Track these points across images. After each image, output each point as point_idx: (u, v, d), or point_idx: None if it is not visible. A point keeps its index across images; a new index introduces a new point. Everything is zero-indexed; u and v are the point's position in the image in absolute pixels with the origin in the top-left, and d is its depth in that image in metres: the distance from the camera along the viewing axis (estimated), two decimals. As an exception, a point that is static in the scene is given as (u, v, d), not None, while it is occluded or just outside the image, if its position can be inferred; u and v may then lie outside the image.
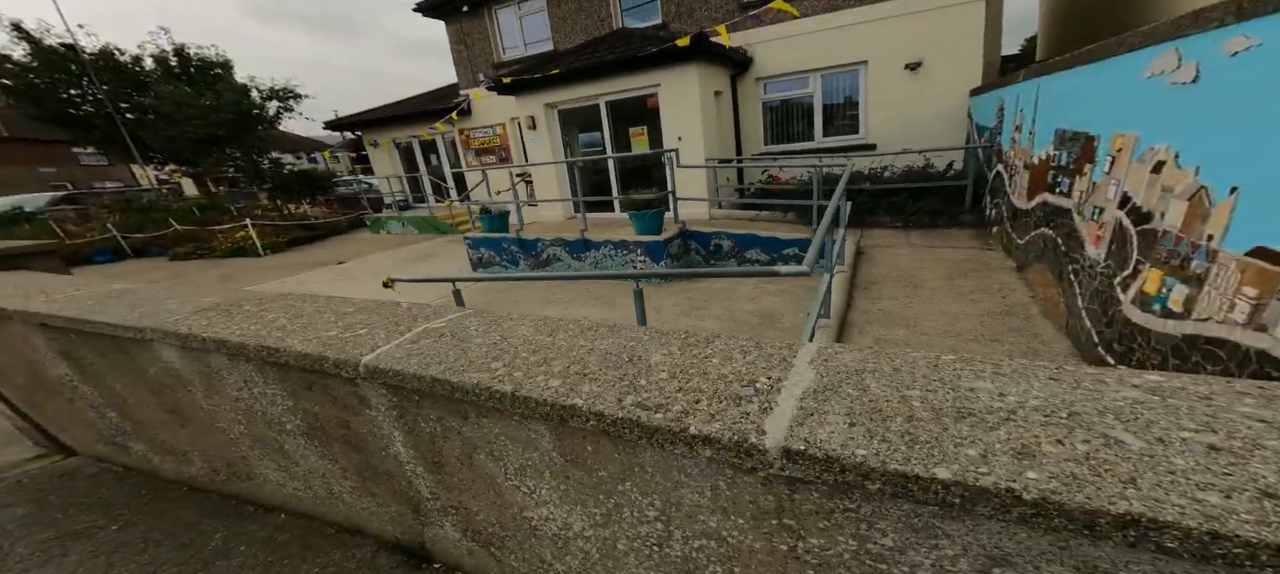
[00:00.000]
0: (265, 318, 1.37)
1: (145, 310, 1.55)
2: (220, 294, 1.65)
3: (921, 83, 5.71)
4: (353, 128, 13.32)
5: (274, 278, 7.27)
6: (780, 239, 4.57)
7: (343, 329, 1.23)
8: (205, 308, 1.51)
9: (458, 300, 3.12)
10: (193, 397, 1.52)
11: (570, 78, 7.13)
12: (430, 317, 1.25)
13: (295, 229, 11.07)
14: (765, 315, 3.66)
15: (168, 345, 1.43)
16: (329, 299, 1.53)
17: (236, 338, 1.24)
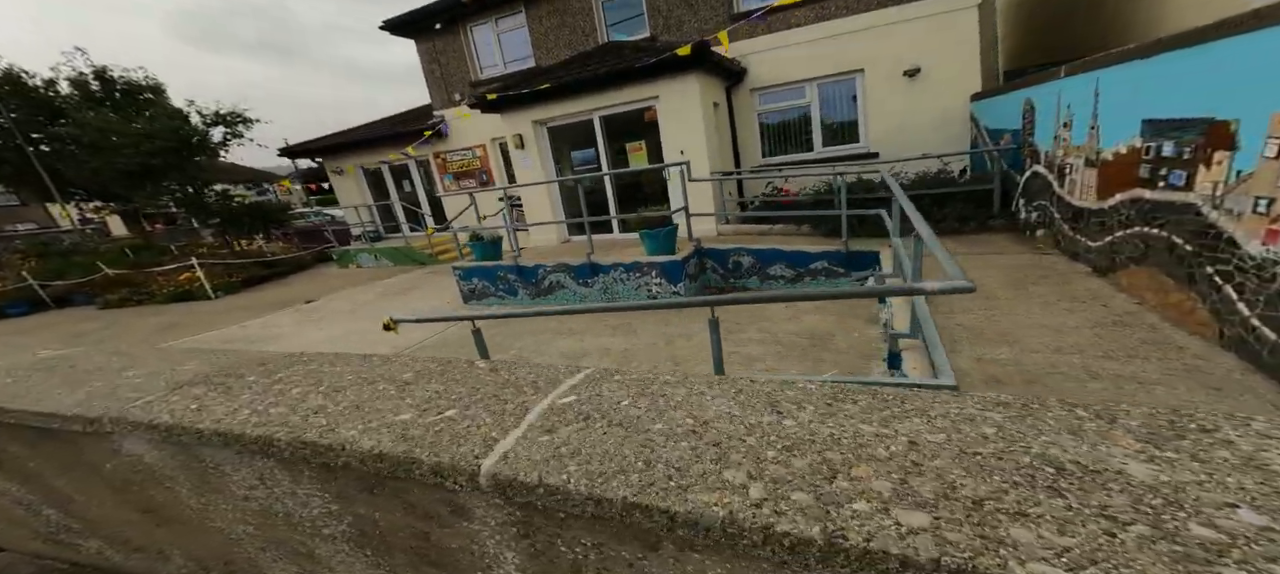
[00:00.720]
0: (288, 395, 0.97)
1: (96, 390, 1.12)
2: (203, 361, 1.23)
3: (920, 89, 5.76)
4: (313, 154, 12.42)
5: (230, 322, 6.42)
6: (808, 253, 4.36)
7: (419, 409, 0.84)
8: (186, 382, 1.10)
9: (479, 343, 2.67)
10: (175, 494, 1.08)
11: (562, 92, 6.82)
12: (544, 385, 0.87)
13: (251, 267, 10.05)
14: (814, 336, 3.38)
15: (137, 438, 1.01)
16: (366, 358, 1.13)
17: (254, 430, 0.84)
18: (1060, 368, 1.78)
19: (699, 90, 6.07)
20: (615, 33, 8.56)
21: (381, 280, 8.58)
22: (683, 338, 3.98)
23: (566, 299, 5.72)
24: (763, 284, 4.84)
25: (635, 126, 6.92)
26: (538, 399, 0.82)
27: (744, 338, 3.73)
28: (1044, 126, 3.35)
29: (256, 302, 7.88)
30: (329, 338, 5.28)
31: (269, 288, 9.35)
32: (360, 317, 6.08)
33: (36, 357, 1.53)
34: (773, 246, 4.66)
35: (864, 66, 6.19)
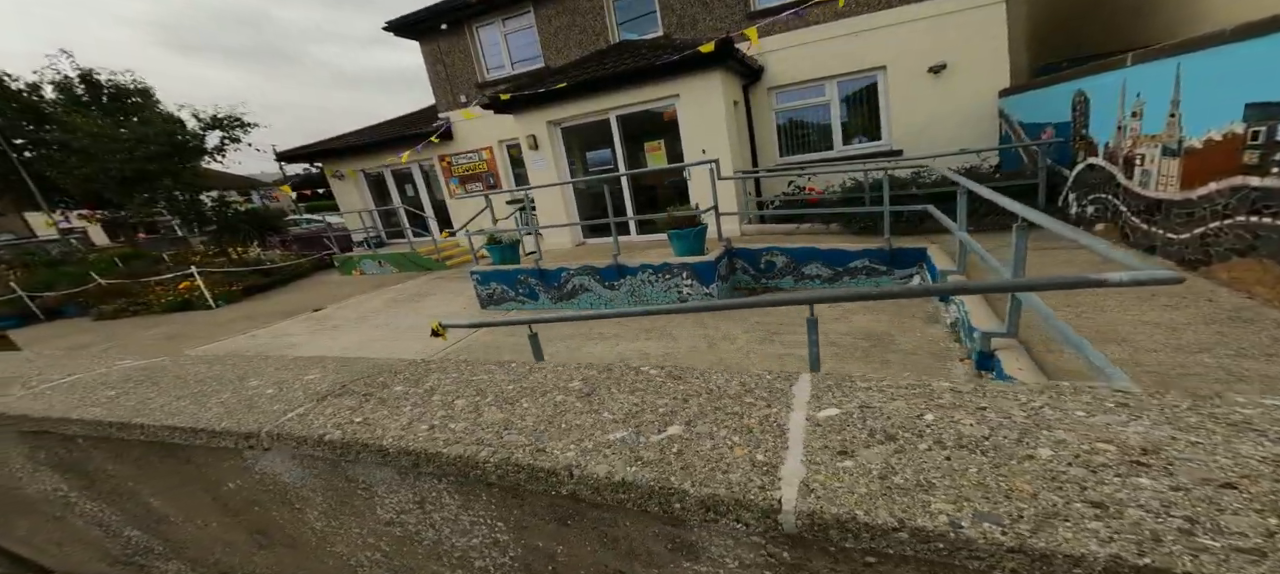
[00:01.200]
0: (453, 406, 0.85)
1: (228, 403, 1.00)
2: (330, 369, 1.11)
3: (945, 86, 5.69)
4: (311, 159, 12.15)
5: (236, 332, 6.16)
6: (847, 251, 4.23)
7: (631, 426, 0.71)
8: (329, 392, 0.98)
9: (535, 347, 2.50)
10: (301, 516, 0.97)
11: (578, 91, 6.67)
12: (767, 393, 0.73)
13: (250, 275, 9.74)
14: (870, 337, 3.24)
15: (283, 454, 0.90)
16: (505, 365, 1.00)
17: (450, 448, 0.72)
18: (1192, 368, 1.65)
19: (722, 88, 5.95)
20: (626, 32, 8.43)
21: (389, 287, 8.33)
22: (725, 341, 3.83)
23: (591, 303, 5.55)
24: (797, 284, 4.71)
25: (652, 126, 6.79)
26: (783, 413, 0.67)
27: (793, 341, 3.59)
28: (1102, 118, 3.26)
29: (260, 310, 7.61)
30: (348, 347, 5.06)
31: (271, 296, 9.06)
32: (374, 324, 5.85)
33: (116, 367, 1.36)
34: (808, 245, 4.53)
35: (886, 64, 6.11)
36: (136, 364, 1.35)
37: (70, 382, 1.27)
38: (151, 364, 1.33)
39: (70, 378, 1.30)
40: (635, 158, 7.22)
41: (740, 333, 3.89)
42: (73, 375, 1.32)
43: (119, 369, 1.32)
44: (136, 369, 1.31)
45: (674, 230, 4.89)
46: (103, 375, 1.29)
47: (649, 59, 6.17)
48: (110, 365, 1.36)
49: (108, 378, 1.26)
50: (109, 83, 14.80)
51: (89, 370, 1.33)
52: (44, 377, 1.34)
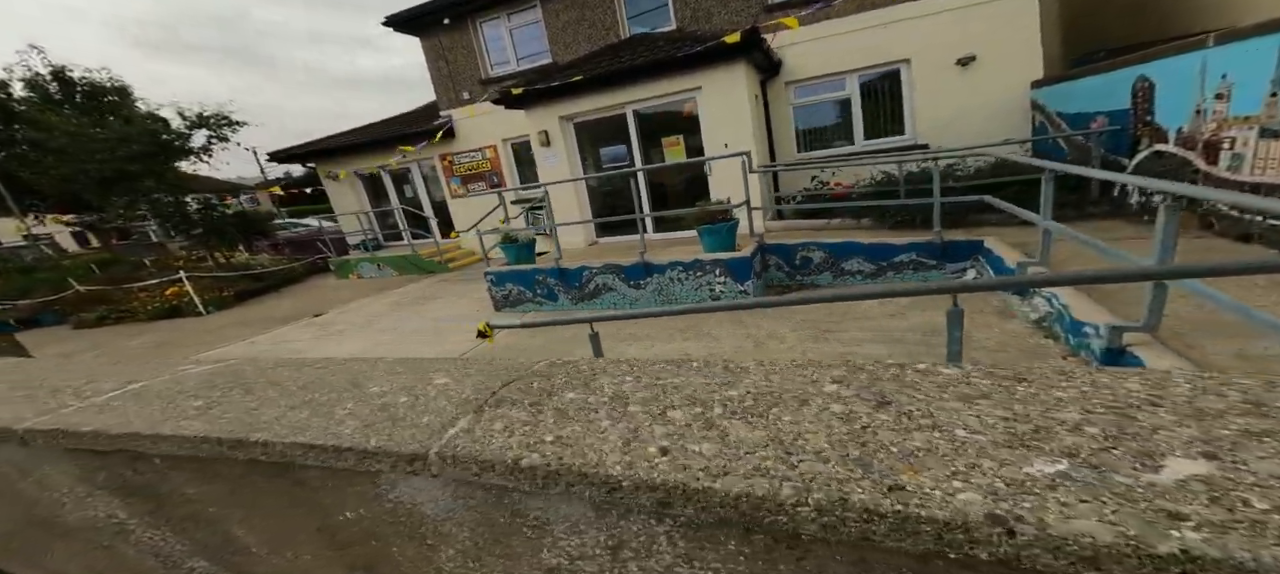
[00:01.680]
0: (668, 417, 0.64)
1: (362, 415, 0.79)
2: (458, 371, 0.91)
3: (974, 79, 5.59)
4: (304, 159, 11.71)
5: (232, 339, 5.77)
6: (893, 245, 4.06)
7: (931, 447, 0.49)
8: (479, 401, 0.77)
9: (595, 348, 2.26)
10: (429, 554, 0.77)
11: (593, 85, 6.43)
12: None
13: (241, 280, 9.28)
14: (938, 331, 3.05)
15: (441, 479, 0.69)
16: (681, 365, 0.79)
17: (720, 483, 0.51)
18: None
19: (746, 80, 5.77)
20: (636, 26, 8.24)
21: (391, 291, 7.98)
22: (772, 340, 3.61)
23: (614, 303, 5.30)
24: (836, 280, 4.53)
25: (673, 120, 6.58)
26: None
27: (848, 337, 3.39)
28: (1172, 103, 3.14)
29: (254, 316, 7.20)
30: (357, 353, 4.73)
31: (264, 302, 8.63)
32: (381, 329, 5.53)
33: (183, 371, 1.11)
34: (848, 239, 4.36)
35: (911, 56, 6.00)
36: (208, 368, 1.11)
37: (137, 391, 1.03)
38: (226, 367, 1.09)
39: (133, 386, 1.05)
40: (650, 154, 7.00)
41: (788, 332, 3.68)
42: (135, 383, 1.07)
43: (192, 374, 1.08)
44: (215, 374, 1.08)
45: (705, 226, 4.68)
46: (174, 383, 1.04)
47: (670, 51, 5.97)
48: (176, 370, 1.11)
49: (183, 385, 1.02)
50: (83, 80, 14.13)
51: (154, 376, 1.09)
52: (95, 385, 1.09)
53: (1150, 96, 3.38)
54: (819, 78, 6.76)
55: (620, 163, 7.30)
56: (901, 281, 4.13)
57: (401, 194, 11.53)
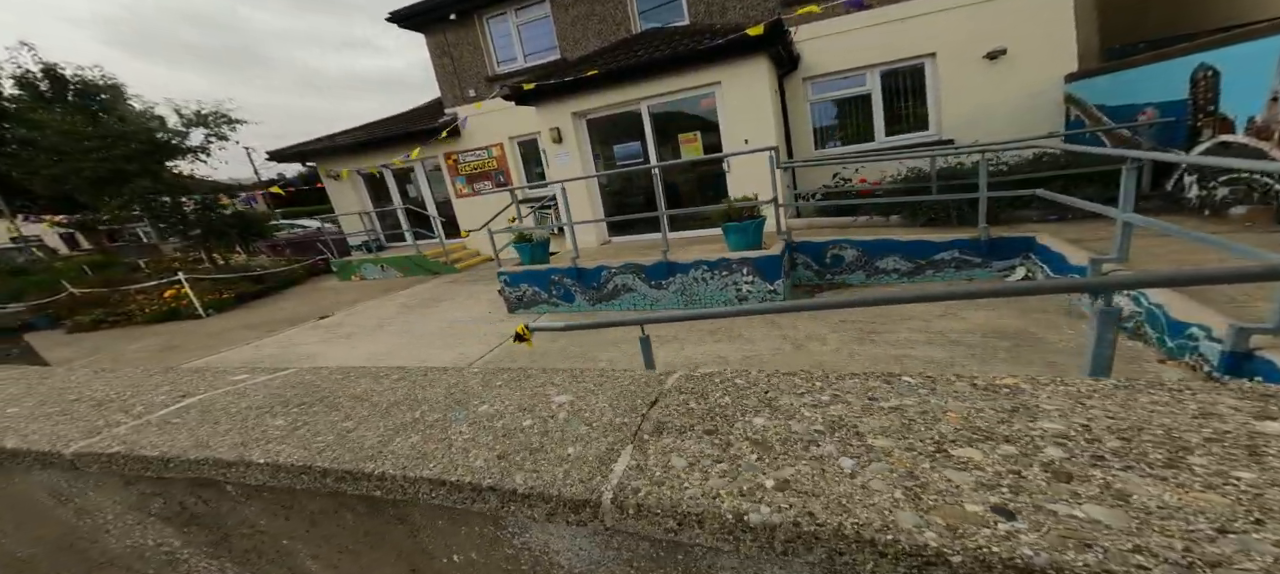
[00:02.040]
0: (948, 451, 0.48)
1: (487, 441, 0.65)
2: (568, 381, 0.76)
3: (1003, 72, 5.45)
4: (304, 159, 11.47)
5: (235, 342, 5.54)
6: (932, 242, 3.90)
7: None
8: (638, 421, 0.63)
9: (645, 353, 2.08)
10: None
11: (607, 80, 6.26)
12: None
13: (241, 282, 9.03)
14: (1009, 336, 2.86)
15: (603, 530, 0.51)
16: (891, 380, 0.59)
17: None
18: None
19: (769, 74, 5.61)
20: (647, 21, 8.07)
21: (397, 292, 7.77)
22: (813, 341, 3.44)
23: (633, 304, 5.12)
24: (870, 279, 4.37)
25: (690, 116, 6.40)
26: None
27: (897, 340, 3.22)
28: (1242, 91, 2.99)
29: (257, 319, 6.96)
30: (370, 356, 4.53)
31: (266, 304, 8.38)
32: (393, 332, 5.33)
33: (241, 383, 0.93)
34: (883, 237, 4.19)
35: (936, 50, 5.85)
36: (272, 378, 0.94)
37: (196, 405, 0.87)
38: (294, 377, 0.94)
39: (190, 400, 0.89)
40: (664, 152, 6.82)
41: (828, 333, 3.50)
42: (191, 396, 0.91)
43: (256, 386, 0.94)
44: (285, 386, 0.92)
45: (731, 224, 4.51)
46: (239, 396, 0.90)
47: (689, 44, 5.80)
48: (232, 381, 0.95)
49: (251, 399, 0.87)
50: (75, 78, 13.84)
51: (210, 387, 0.93)
52: (144, 399, 0.92)
53: (1214, 85, 3.24)
54: (839, 73, 6.60)
55: (633, 161, 7.11)
56: (962, 281, 3.91)
57: (404, 194, 11.31)
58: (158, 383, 1.00)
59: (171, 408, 0.85)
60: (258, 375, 0.93)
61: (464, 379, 0.82)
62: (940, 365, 2.64)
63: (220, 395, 0.86)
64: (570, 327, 2.23)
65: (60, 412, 0.94)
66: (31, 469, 0.85)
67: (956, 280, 3.84)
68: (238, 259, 11.88)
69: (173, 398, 0.89)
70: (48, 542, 0.95)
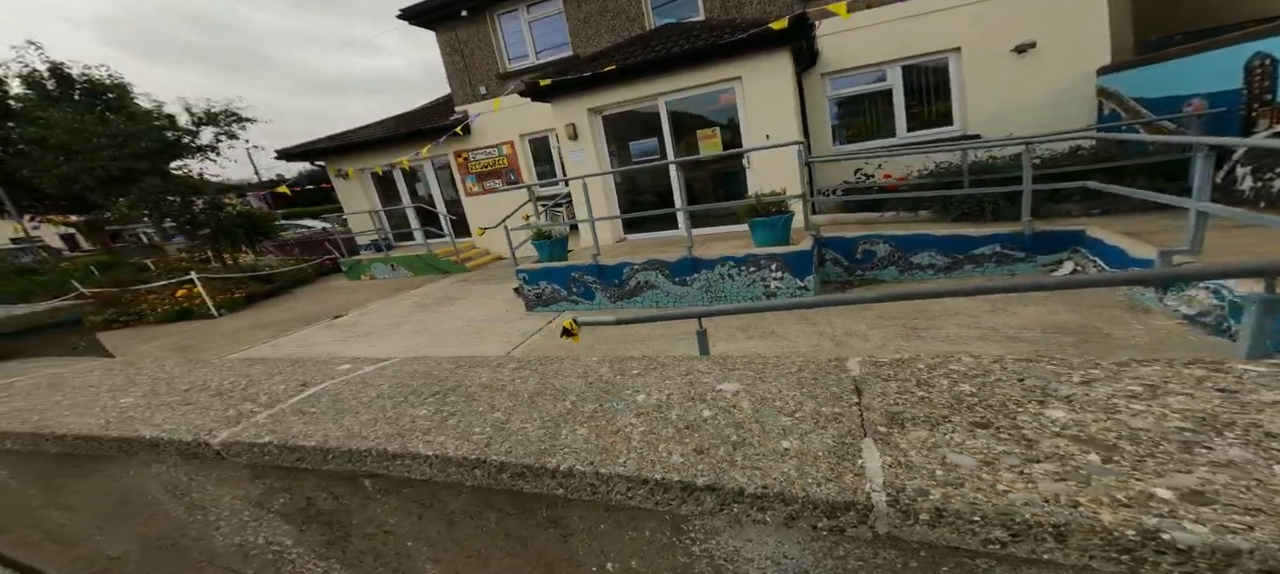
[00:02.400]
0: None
1: (689, 439, 0.55)
2: (771, 377, 0.62)
3: (1032, 66, 5.35)
4: (312, 157, 11.41)
5: (250, 341, 5.46)
6: (970, 237, 3.80)
7: None
8: (860, 411, 0.54)
9: (702, 348, 1.99)
10: None
11: (625, 76, 6.17)
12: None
13: (251, 282, 8.96)
14: (1071, 331, 2.72)
15: (773, 528, 0.44)
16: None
17: None
18: None
19: (791, 68, 5.51)
20: (661, 17, 7.99)
21: (409, 291, 7.70)
22: (855, 337, 3.34)
23: (656, 301, 5.03)
24: (902, 274, 4.27)
25: (709, 112, 6.31)
26: None
27: (945, 335, 3.12)
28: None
29: (269, 318, 6.88)
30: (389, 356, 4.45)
31: (277, 303, 8.31)
32: (411, 330, 5.25)
33: (366, 373, 0.85)
34: (918, 231, 4.09)
35: (961, 45, 5.76)
36: (377, 367, 0.91)
37: (320, 396, 0.82)
38: (402, 366, 0.86)
39: (311, 390, 0.83)
40: (680, 149, 6.73)
41: (867, 329, 3.41)
42: (312, 386, 0.84)
43: (368, 375, 0.88)
44: (403, 375, 0.86)
45: (758, 219, 4.41)
46: (362, 385, 0.83)
47: (710, 38, 5.71)
48: (346, 370, 0.89)
49: (375, 387, 0.80)
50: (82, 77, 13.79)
51: (325, 378, 0.85)
52: (261, 387, 0.87)
53: (1271, 74, 3.14)
54: (859, 68, 6.51)
55: (649, 158, 7.02)
56: (1003, 276, 3.78)
57: (413, 193, 11.24)
58: (261, 373, 0.92)
59: (297, 397, 0.79)
60: (362, 365, 0.84)
61: (594, 368, 0.73)
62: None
63: (340, 385, 0.79)
64: (622, 320, 2.13)
65: (181, 401, 0.88)
66: (168, 459, 0.78)
67: (997, 275, 3.74)
68: (245, 259, 11.82)
69: (293, 387, 0.81)
70: (147, 539, 0.88)
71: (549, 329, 4.82)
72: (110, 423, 0.85)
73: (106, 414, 0.90)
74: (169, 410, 0.85)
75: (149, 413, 0.86)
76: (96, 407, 0.95)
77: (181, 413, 0.83)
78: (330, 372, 0.86)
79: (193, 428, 0.76)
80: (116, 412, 0.90)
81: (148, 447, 0.77)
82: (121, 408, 0.91)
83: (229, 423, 0.75)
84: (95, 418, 0.89)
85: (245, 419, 0.75)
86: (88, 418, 0.90)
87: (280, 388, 0.84)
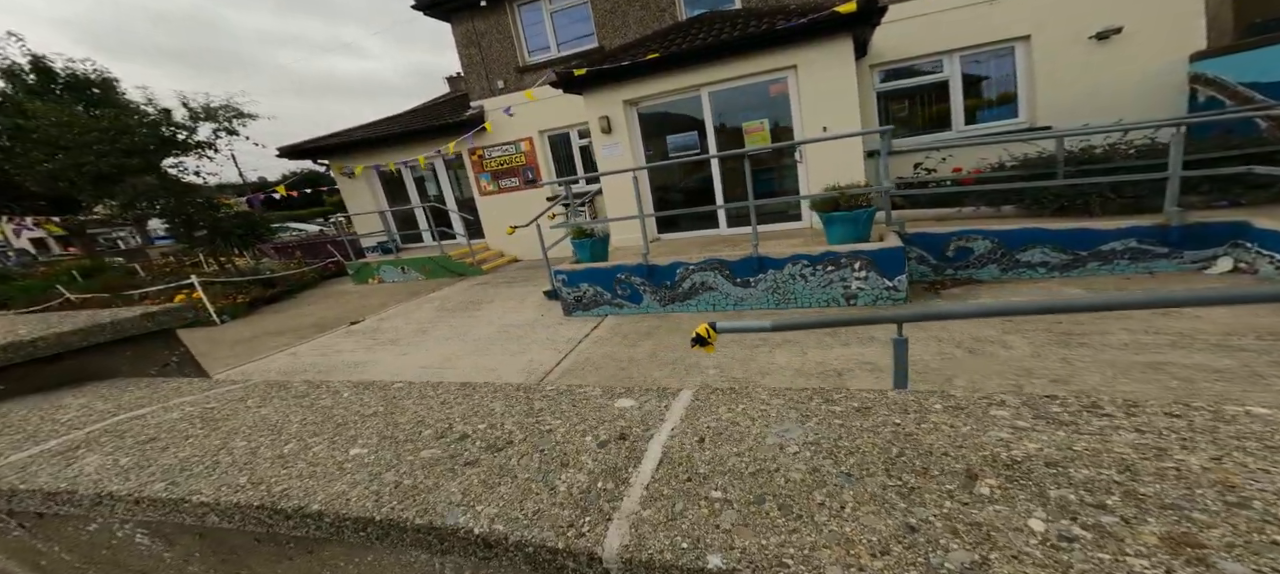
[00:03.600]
0: None
1: None
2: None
3: (1113, 54, 5.01)
4: (316, 155, 10.87)
5: (267, 350, 4.91)
6: (1097, 231, 3.40)
7: None
8: None
9: (899, 361, 1.54)
10: None
11: (665, 65, 5.76)
12: None
13: (253, 286, 8.37)
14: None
15: None
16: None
17: None
18: None
19: (853, 56, 5.13)
20: (693, 7, 7.62)
21: (426, 295, 7.19)
22: (992, 344, 2.93)
23: (713, 304, 4.60)
24: (1005, 273, 3.87)
25: (756, 103, 5.91)
26: None
27: (1117, 342, 2.71)
28: None
29: (277, 325, 6.33)
30: (427, 366, 3.94)
31: (282, 309, 7.74)
32: (442, 337, 4.75)
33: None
34: (1027, 226, 3.69)
35: (1030, 32, 5.42)
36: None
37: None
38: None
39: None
40: (731, 140, 6.32)
41: (1006, 336, 2.97)
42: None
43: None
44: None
45: (837, 213, 4.00)
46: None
47: (762, 25, 5.32)
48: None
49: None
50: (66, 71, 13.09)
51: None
52: (559, 435, 0.44)
53: None
54: (912, 59, 6.16)
55: (689, 152, 6.60)
56: (1153, 273, 3.34)
57: (423, 192, 10.73)
58: (500, 408, 0.46)
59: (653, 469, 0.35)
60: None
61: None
62: (1224, 376, 2.09)
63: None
64: (779, 326, 1.67)
65: (444, 460, 0.57)
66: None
67: (1132, 273, 3.35)
68: (242, 262, 11.18)
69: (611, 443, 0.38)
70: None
71: (596, 335, 4.36)
72: (382, 497, 0.51)
73: (355, 479, 0.56)
74: (452, 477, 0.52)
75: (427, 479, 0.54)
76: (327, 465, 0.62)
77: (478, 485, 0.49)
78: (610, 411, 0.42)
79: (552, 522, 0.42)
80: (366, 475, 0.57)
81: (477, 545, 0.43)
82: (370, 469, 0.58)
83: (598, 515, 0.39)
84: (352, 486, 0.54)
85: (611, 507, 0.40)
86: (337, 484, 0.56)
87: (590, 442, 0.47)
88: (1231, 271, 3.06)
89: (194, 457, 0.74)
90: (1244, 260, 3.05)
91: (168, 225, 9.61)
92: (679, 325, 4.29)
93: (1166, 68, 4.78)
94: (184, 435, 0.83)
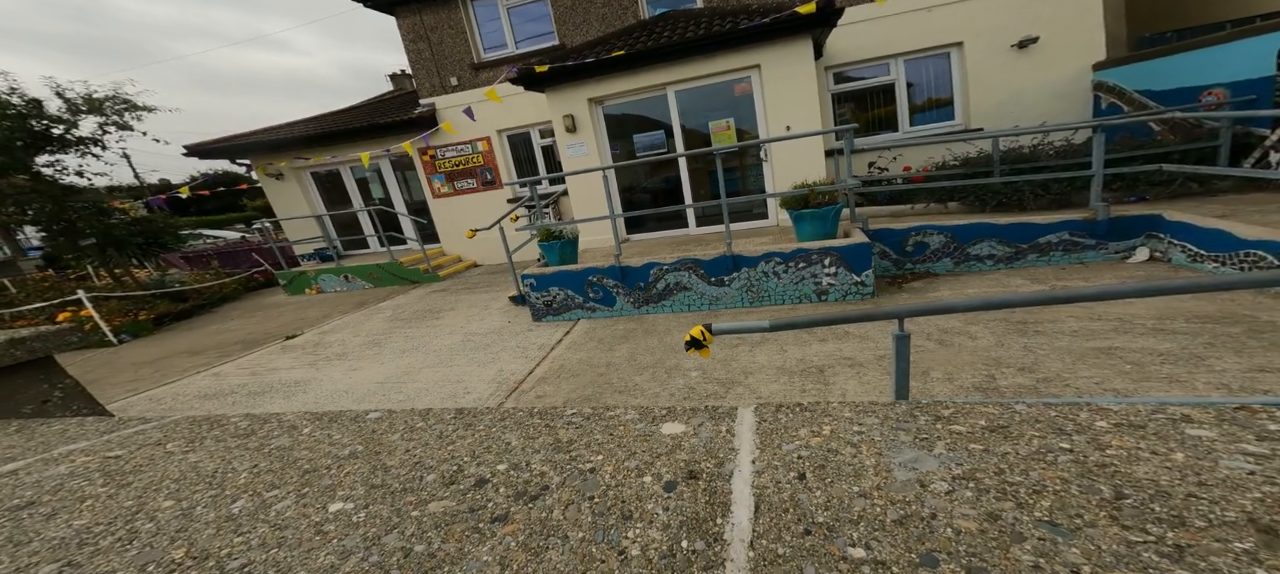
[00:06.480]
0: None
1: None
2: None
3: (1032, 62, 5.56)
4: (233, 154, 9.74)
5: (179, 372, 4.22)
6: (1035, 224, 3.71)
7: None
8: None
9: (901, 360, 1.55)
10: None
11: (632, 63, 5.69)
12: None
13: (159, 301, 7.29)
14: (1228, 320, 2.53)
15: None
16: None
17: None
18: None
19: (813, 56, 5.32)
20: (655, 6, 7.62)
21: (376, 304, 6.62)
22: (961, 336, 3.07)
23: (688, 304, 4.56)
24: (958, 266, 4.13)
25: (720, 102, 5.98)
26: None
27: (1071, 329, 2.91)
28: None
29: (196, 343, 5.51)
30: (384, 381, 3.57)
31: (199, 325, 6.80)
32: (398, 350, 4.35)
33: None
34: (977, 221, 3.97)
35: (963, 39, 5.90)
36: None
37: None
38: None
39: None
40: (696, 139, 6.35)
41: (971, 326, 3.14)
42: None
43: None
44: None
45: (807, 211, 4.10)
46: None
47: (727, 24, 5.39)
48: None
49: None
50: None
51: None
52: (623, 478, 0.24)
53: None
54: (862, 62, 6.51)
55: (655, 151, 6.57)
56: (1084, 263, 3.68)
57: (367, 195, 9.93)
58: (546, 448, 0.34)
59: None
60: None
61: None
62: (1168, 358, 2.29)
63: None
64: (778, 326, 1.62)
65: (466, 510, 0.43)
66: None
67: (1065, 264, 3.69)
68: (142, 275, 9.72)
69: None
70: None
71: (569, 340, 4.18)
72: (389, 571, 0.39)
73: (344, 546, 0.43)
74: (478, 540, 0.41)
75: (444, 542, 0.42)
76: (299, 528, 0.48)
77: (519, 551, 0.39)
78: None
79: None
80: (360, 541, 0.44)
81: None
82: (363, 532, 0.45)
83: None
84: (342, 557, 0.42)
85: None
86: (320, 555, 0.43)
87: (651, 484, 0.40)
88: (1148, 260, 3.47)
89: (98, 525, 0.54)
90: (1159, 250, 3.47)
91: (44, 233, 8.16)
92: (654, 327, 4.20)
93: (1077, 75, 5.38)
94: (79, 496, 0.61)
